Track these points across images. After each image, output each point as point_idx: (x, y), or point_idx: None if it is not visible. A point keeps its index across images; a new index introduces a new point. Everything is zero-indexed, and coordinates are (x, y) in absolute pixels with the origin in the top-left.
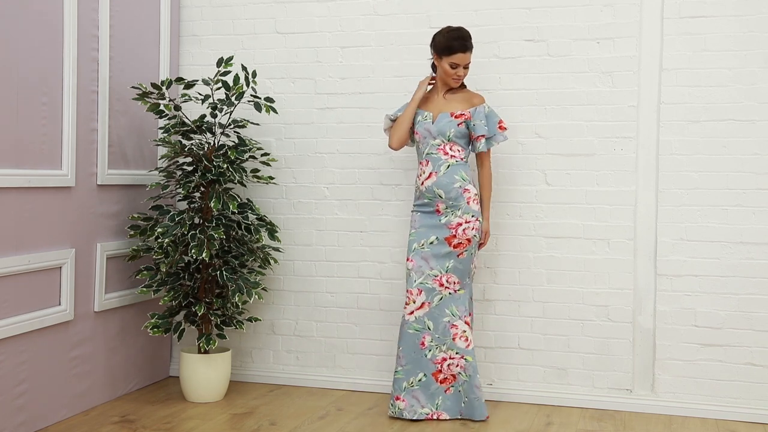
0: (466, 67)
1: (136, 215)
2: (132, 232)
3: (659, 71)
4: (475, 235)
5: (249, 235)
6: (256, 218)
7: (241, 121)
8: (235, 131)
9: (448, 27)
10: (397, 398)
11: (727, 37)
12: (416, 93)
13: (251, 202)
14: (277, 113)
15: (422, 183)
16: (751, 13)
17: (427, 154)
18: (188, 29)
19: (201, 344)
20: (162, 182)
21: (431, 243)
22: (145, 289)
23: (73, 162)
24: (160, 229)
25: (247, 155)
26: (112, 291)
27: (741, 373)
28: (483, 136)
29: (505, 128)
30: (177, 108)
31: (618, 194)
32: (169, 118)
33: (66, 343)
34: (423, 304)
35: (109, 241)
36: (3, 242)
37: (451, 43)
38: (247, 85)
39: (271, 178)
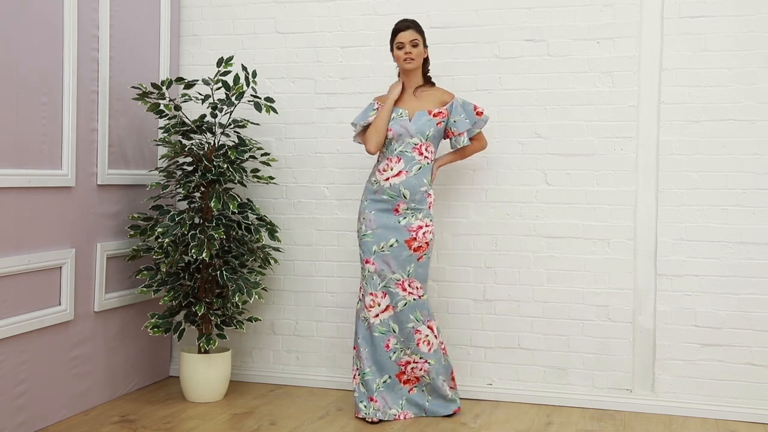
0: (414, 46)
1: (136, 215)
2: (132, 232)
3: (659, 71)
4: (431, 239)
5: (249, 235)
6: (256, 218)
7: (241, 121)
8: (235, 131)
9: None
10: (372, 399)
11: (727, 37)
12: (390, 94)
13: (251, 202)
14: (277, 113)
15: (387, 179)
16: (751, 13)
17: (400, 151)
18: (188, 29)
19: (201, 344)
20: (162, 182)
21: (391, 246)
22: (145, 289)
23: (73, 162)
24: (160, 229)
25: (247, 155)
26: (113, 291)
27: (741, 373)
28: (464, 132)
29: (482, 112)
30: (177, 108)
31: (618, 194)
32: (169, 118)
33: (66, 343)
34: (388, 306)
35: (110, 241)
36: (3, 242)
37: (394, 27)
38: (247, 85)
39: (271, 178)
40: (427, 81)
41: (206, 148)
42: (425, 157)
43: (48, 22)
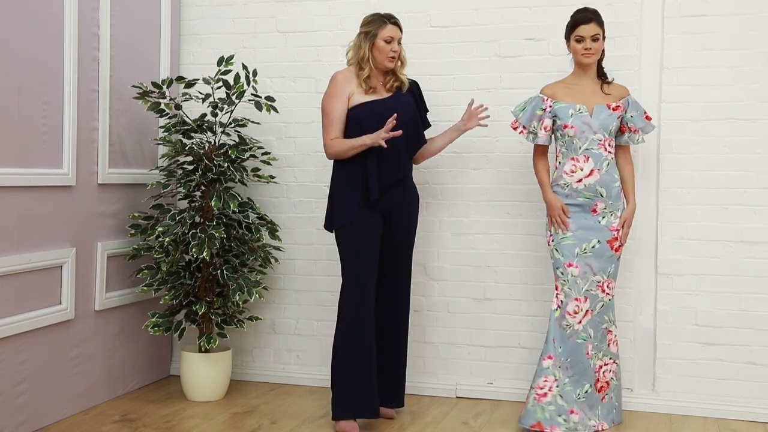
0: (595, 40)
1: (136, 214)
2: (133, 231)
3: (660, 70)
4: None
5: (250, 234)
6: (257, 217)
7: (241, 120)
8: (235, 130)
9: None
10: (572, 411)
11: (727, 36)
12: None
13: (252, 201)
14: (277, 112)
15: (579, 180)
16: (751, 11)
17: (586, 149)
18: (189, 28)
19: (202, 343)
20: (163, 181)
21: (593, 247)
22: (145, 288)
23: (73, 161)
24: (160, 228)
25: (247, 154)
26: (113, 290)
27: (742, 372)
28: (640, 129)
29: (650, 117)
30: (177, 107)
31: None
32: (170, 117)
33: (67, 342)
34: (587, 311)
35: (110, 240)
36: (4, 241)
37: (575, 17)
38: (248, 84)
39: (272, 177)
40: (602, 75)
41: (207, 147)
42: (609, 152)
43: (48, 21)
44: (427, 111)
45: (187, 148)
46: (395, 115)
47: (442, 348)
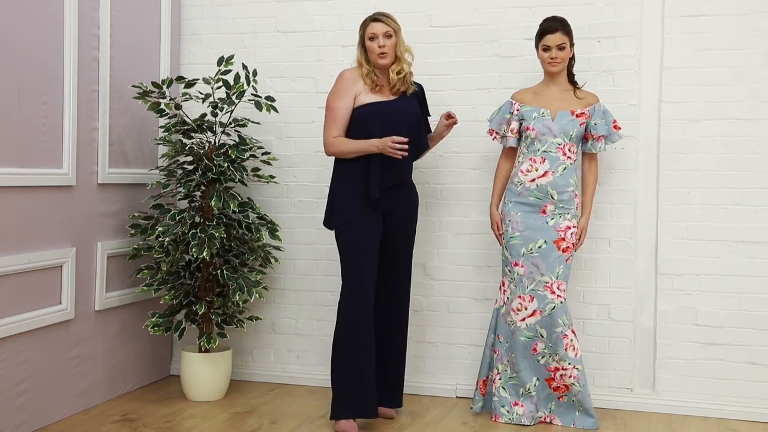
0: (561, 49)
1: (136, 214)
2: (133, 231)
3: (660, 70)
4: (576, 241)
5: (250, 234)
6: (257, 217)
7: (241, 120)
8: (235, 130)
9: None
10: (516, 404)
11: (728, 35)
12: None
13: (252, 201)
14: (277, 112)
15: (532, 180)
16: (752, 11)
17: (544, 151)
18: (189, 28)
19: (202, 343)
20: (163, 181)
21: (540, 247)
22: (145, 288)
23: (73, 161)
24: (160, 228)
25: (247, 154)
26: (113, 290)
27: (742, 372)
28: (603, 136)
29: (619, 127)
30: (177, 107)
31: (619, 193)
32: (170, 117)
33: (67, 342)
34: (535, 311)
35: (110, 240)
36: (4, 241)
37: (541, 27)
38: (248, 83)
39: (272, 177)
40: (572, 82)
41: (207, 147)
42: (568, 157)
43: (48, 21)
44: (429, 115)
45: (187, 148)
46: (407, 139)
47: (442, 348)
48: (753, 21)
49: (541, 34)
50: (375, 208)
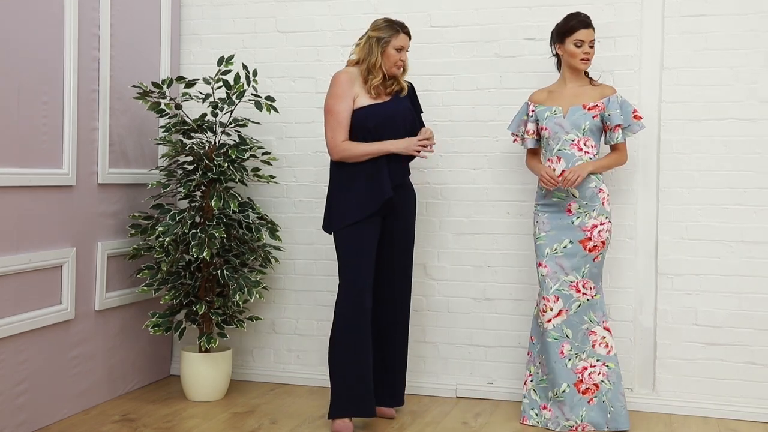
0: (592, 46)
1: (136, 214)
2: (133, 231)
3: (660, 70)
4: (607, 238)
5: (250, 234)
6: (257, 217)
7: (241, 120)
8: (235, 130)
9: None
10: (545, 407)
11: (728, 35)
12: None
13: (252, 201)
14: (278, 112)
15: None
16: (752, 11)
17: (559, 150)
18: (189, 28)
19: (202, 343)
20: (163, 181)
21: (565, 247)
22: (145, 288)
23: (73, 161)
24: (160, 228)
25: (247, 154)
26: (113, 290)
27: (742, 372)
28: (619, 125)
29: (640, 117)
30: (178, 107)
31: (619, 193)
32: (170, 117)
33: (67, 342)
34: (560, 311)
35: (110, 240)
36: (4, 241)
37: (572, 22)
38: (248, 83)
39: (272, 177)
40: (588, 77)
41: (207, 147)
42: (585, 152)
43: (49, 21)
44: (422, 112)
45: (187, 148)
46: (431, 135)
47: (442, 348)
48: (753, 21)
49: (572, 30)
50: (379, 209)
